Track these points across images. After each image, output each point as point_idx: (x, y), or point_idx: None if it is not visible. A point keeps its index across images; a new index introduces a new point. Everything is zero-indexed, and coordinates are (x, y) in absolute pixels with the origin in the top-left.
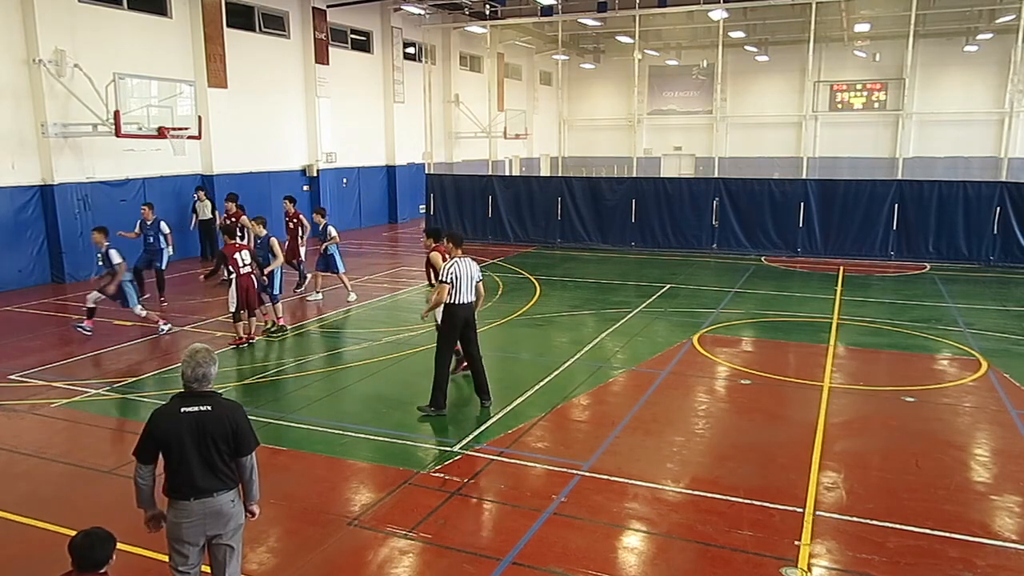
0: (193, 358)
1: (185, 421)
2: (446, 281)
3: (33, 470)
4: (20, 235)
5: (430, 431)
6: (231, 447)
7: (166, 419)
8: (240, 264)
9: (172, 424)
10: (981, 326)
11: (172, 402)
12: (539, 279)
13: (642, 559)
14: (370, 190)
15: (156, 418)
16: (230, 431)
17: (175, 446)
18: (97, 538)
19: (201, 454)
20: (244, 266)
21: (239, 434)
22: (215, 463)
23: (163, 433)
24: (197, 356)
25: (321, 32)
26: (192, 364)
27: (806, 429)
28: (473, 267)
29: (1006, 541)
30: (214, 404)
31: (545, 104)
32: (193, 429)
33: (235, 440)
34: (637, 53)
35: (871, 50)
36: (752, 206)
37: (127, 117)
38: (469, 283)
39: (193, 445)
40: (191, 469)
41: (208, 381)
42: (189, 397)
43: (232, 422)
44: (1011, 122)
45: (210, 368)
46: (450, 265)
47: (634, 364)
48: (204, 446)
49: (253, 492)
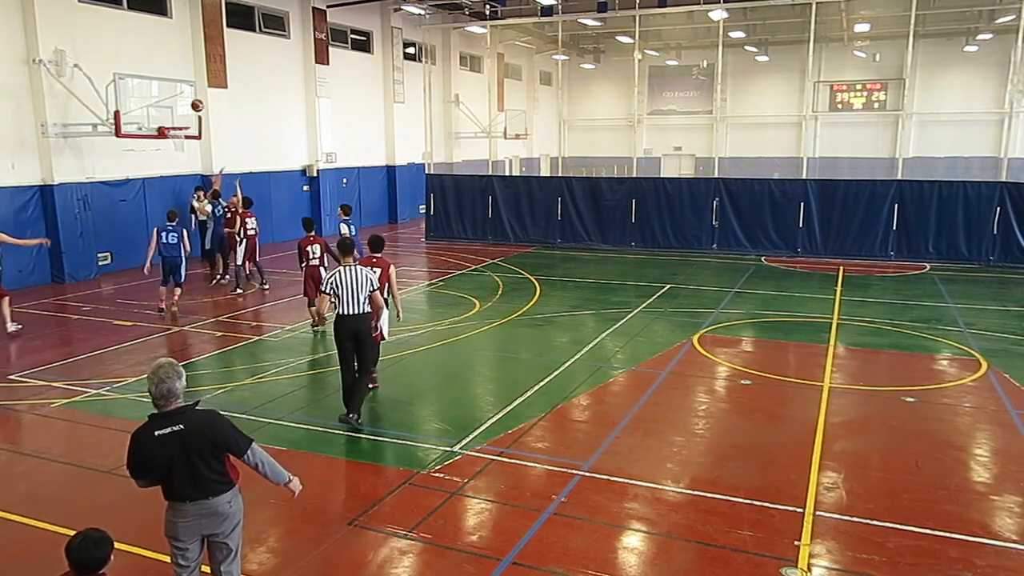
0: (156, 375)
1: (161, 444)
2: (326, 291)
3: (33, 470)
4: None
5: (430, 431)
6: (218, 455)
7: (145, 444)
8: (310, 256)
9: (152, 448)
10: (981, 326)
11: (147, 425)
12: (539, 279)
13: (642, 559)
14: (370, 190)
15: (135, 443)
16: (209, 443)
17: (161, 466)
18: (93, 540)
19: (188, 467)
20: (314, 258)
21: (221, 443)
22: (204, 474)
23: (145, 457)
24: (160, 372)
25: (321, 32)
26: (156, 381)
27: (806, 429)
28: (363, 276)
29: (1006, 541)
30: (186, 421)
31: (545, 104)
32: (173, 449)
33: (220, 450)
34: (637, 53)
35: (871, 50)
36: (752, 206)
37: (127, 117)
38: (354, 293)
39: (179, 463)
40: (183, 482)
41: (176, 395)
42: (160, 418)
43: (209, 434)
44: (1011, 122)
45: (174, 383)
46: (331, 275)
47: (634, 364)
48: (188, 460)
49: (276, 478)
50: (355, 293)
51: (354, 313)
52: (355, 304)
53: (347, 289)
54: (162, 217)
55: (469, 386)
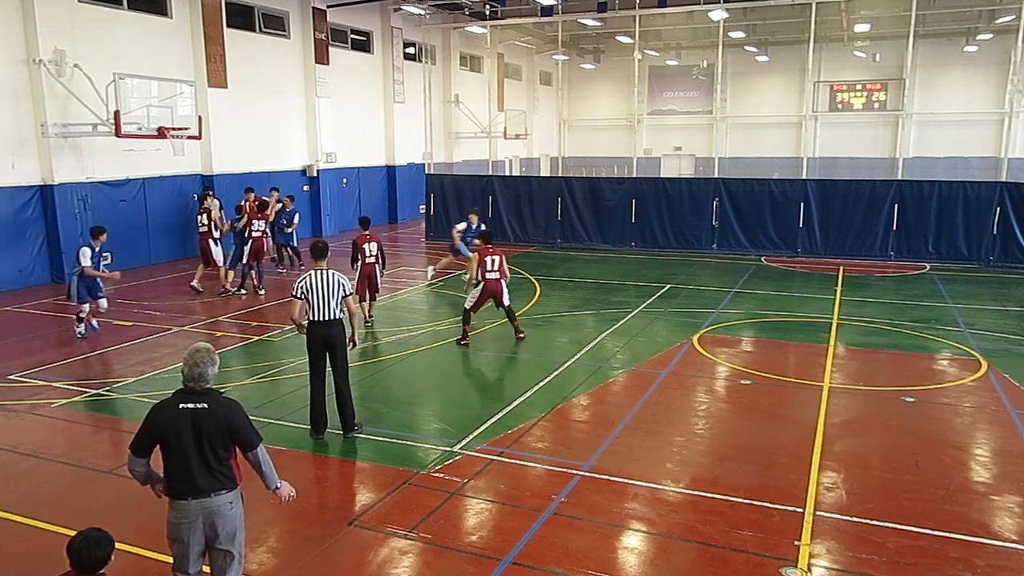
0: (192, 357)
1: (183, 417)
2: (296, 296)
3: (33, 470)
4: (20, 235)
5: (430, 431)
6: (228, 446)
7: (165, 413)
8: (367, 254)
9: (170, 419)
10: (981, 326)
11: (172, 397)
12: (539, 279)
13: (642, 559)
14: (370, 190)
15: (155, 412)
16: (225, 429)
17: (173, 441)
18: (95, 539)
19: (198, 451)
20: (370, 256)
21: (236, 432)
22: (211, 462)
23: (161, 427)
24: (196, 356)
25: (321, 32)
26: (191, 363)
27: (806, 429)
28: (335, 281)
29: (1006, 541)
30: (210, 402)
31: (545, 104)
32: (190, 426)
33: (233, 438)
34: (637, 53)
35: (871, 50)
36: (752, 206)
37: (127, 117)
38: (325, 299)
39: (190, 442)
40: (189, 466)
41: (206, 380)
42: (188, 394)
43: (227, 420)
44: (1011, 122)
45: (207, 368)
46: (302, 279)
47: (634, 364)
48: (200, 444)
49: (271, 482)
50: (327, 298)
51: (325, 319)
52: (326, 310)
53: (318, 294)
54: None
55: (469, 386)
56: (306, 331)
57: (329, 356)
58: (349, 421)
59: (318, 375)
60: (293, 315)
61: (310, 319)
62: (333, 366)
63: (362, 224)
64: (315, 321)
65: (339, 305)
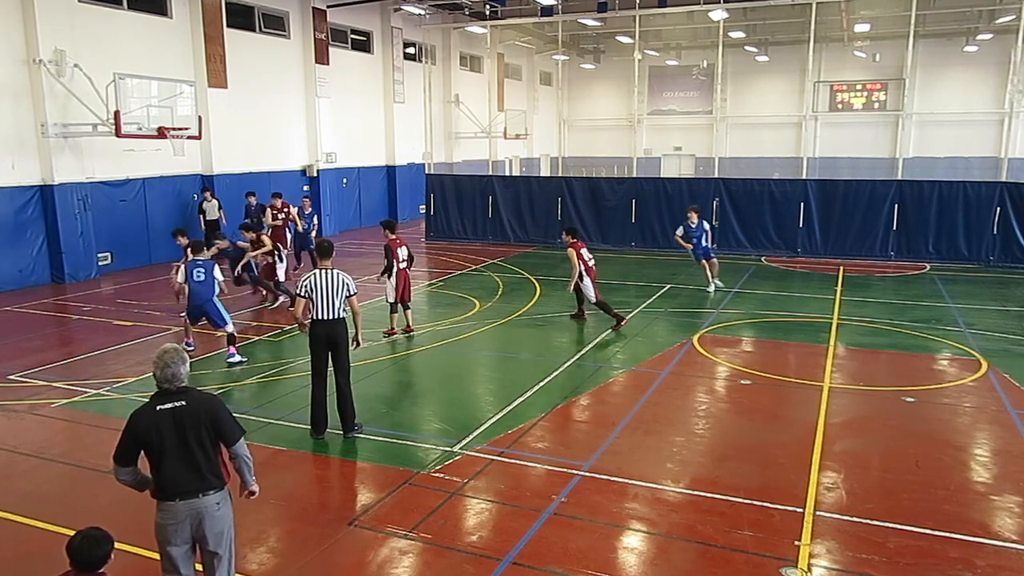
0: (162, 359)
1: (163, 418)
2: (301, 294)
3: (33, 470)
4: (20, 235)
5: (430, 431)
6: (212, 440)
7: (144, 418)
8: (400, 258)
9: (151, 422)
10: (981, 326)
11: (149, 402)
12: (539, 279)
13: (642, 559)
14: (370, 190)
15: (135, 418)
16: (207, 422)
17: (155, 443)
18: (95, 539)
19: (184, 451)
20: (403, 260)
21: (218, 423)
22: (197, 461)
23: (143, 432)
24: (165, 357)
25: (321, 32)
26: (161, 365)
27: (806, 429)
28: (339, 280)
29: (1006, 541)
30: (188, 399)
31: (545, 104)
32: (171, 426)
33: (215, 430)
34: (637, 53)
35: (871, 50)
36: (752, 206)
37: (127, 117)
38: (328, 298)
39: (173, 442)
40: (174, 467)
41: (180, 379)
42: (164, 395)
43: (208, 414)
44: (1011, 122)
45: (179, 367)
46: (306, 278)
47: (634, 364)
48: (186, 443)
49: (247, 480)
50: (330, 297)
51: (329, 318)
52: (330, 309)
53: (322, 293)
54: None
55: (469, 386)
56: (309, 330)
57: (331, 355)
58: (349, 421)
59: (320, 374)
60: (296, 313)
61: (313, 318)
62: (335, 365)
63: (389, 227)
64: (318, 320)
65: (343, 304)
